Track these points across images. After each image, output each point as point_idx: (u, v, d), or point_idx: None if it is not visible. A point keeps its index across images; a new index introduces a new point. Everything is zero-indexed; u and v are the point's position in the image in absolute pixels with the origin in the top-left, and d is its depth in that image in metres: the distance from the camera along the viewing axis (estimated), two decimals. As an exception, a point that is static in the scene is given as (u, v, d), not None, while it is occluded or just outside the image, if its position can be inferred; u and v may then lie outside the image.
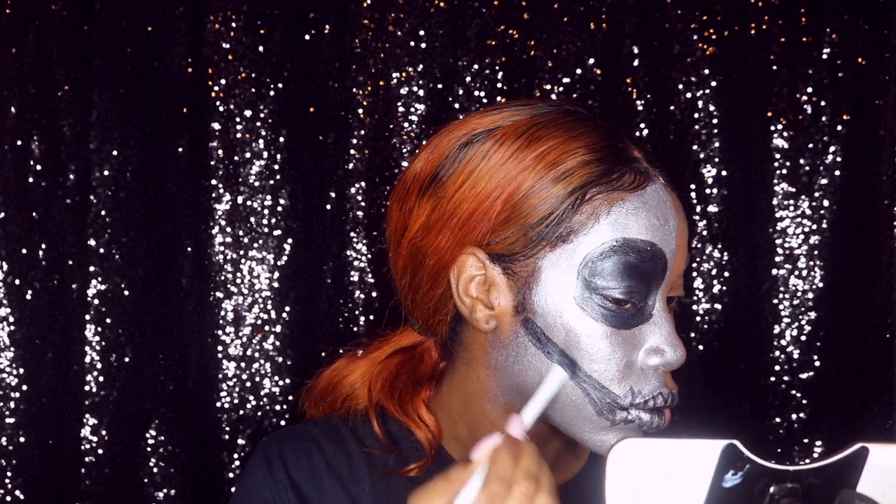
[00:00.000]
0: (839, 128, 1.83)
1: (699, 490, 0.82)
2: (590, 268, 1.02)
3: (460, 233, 1.05)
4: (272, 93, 1.82)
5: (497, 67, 1.83)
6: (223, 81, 1.81)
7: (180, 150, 1.81)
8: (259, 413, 1.82)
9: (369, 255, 1.81)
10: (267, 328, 1.82)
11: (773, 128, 1.84)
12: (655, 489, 0.83)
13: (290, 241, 1.82)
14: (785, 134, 1.84)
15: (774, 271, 1.85)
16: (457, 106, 1.82)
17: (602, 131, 1.06)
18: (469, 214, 1.05)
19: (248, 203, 1.82)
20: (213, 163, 1.82)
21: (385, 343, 1.19)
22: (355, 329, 1.83)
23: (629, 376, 1.02)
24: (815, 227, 1.84)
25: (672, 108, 1.84)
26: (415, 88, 1.82)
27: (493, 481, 0.92)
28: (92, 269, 1.79)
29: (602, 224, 1.02)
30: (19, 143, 1.77)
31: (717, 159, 1.85)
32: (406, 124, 1.82)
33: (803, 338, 1.85)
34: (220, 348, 1.82)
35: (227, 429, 1.82)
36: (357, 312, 1.83)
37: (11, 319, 1.77)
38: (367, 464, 1.13)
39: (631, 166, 1.04)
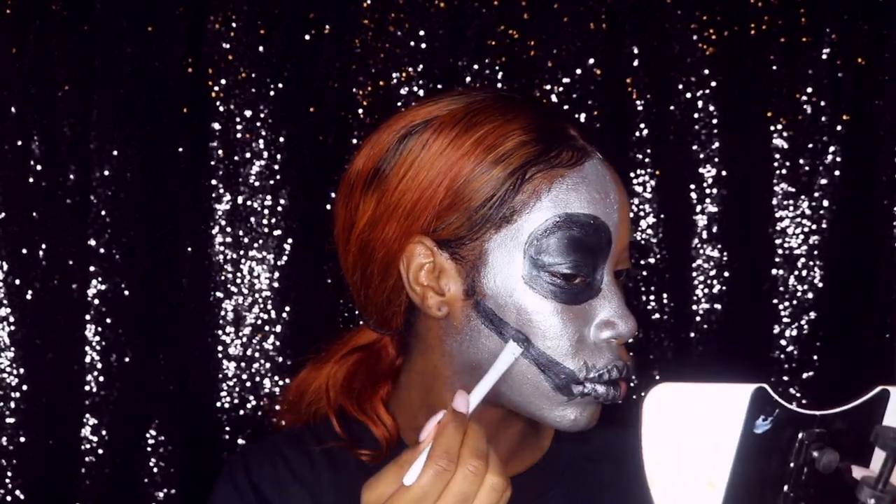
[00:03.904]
0: (839, 128, 1.83)
1: (732, 434, 0.84)
2: (535, 245, 1.04)
3: (406, 223, 1.07)
4: (272, 93, 1.82)
5: (497, 67, 1.83)
6: (223, 81, 1.81)
7: (180, 150, 1.81)
8: (259, 413, 1.82)
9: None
10: (267, 328, 1.82)
11: (773, 128, 1.84)
12: (690, 433, 0.85)
13: (290, 241, 1.82)
14: (785, 134, 1.84)
15: (774, 271, 1.85)
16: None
17: (537, 112, 1.08)
18: (413, 204, 1.07)
19: (248, 203, 1.82)
20: (213, 163, 1.82)
21: (343, 344, 1.22)
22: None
23: (582, 351, 1.04)
24: (814, 227, 1.84)
25: (672, 108, 1.84)
26: (415, 88, 1.82)
27: (439, 456, 0.92)
28: (92, 269, 1.79)
29: (544, 201, 1.04)
30: (19, 143, 1.77)
31: (717, 159, 1.85)
32: (406, 124, 1.82)
33: (803, 338, 1.85)
34: (220, 348, 1.82)
35: (227, 429, 1.82)
36: (357, 312, 1.83)
37: (11, 319, 1.77)
38: (329, 462, 1.15)
39: (568, 143, 1.06)
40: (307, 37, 1.81)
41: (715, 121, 1.84)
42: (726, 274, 1.85)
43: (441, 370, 1.11)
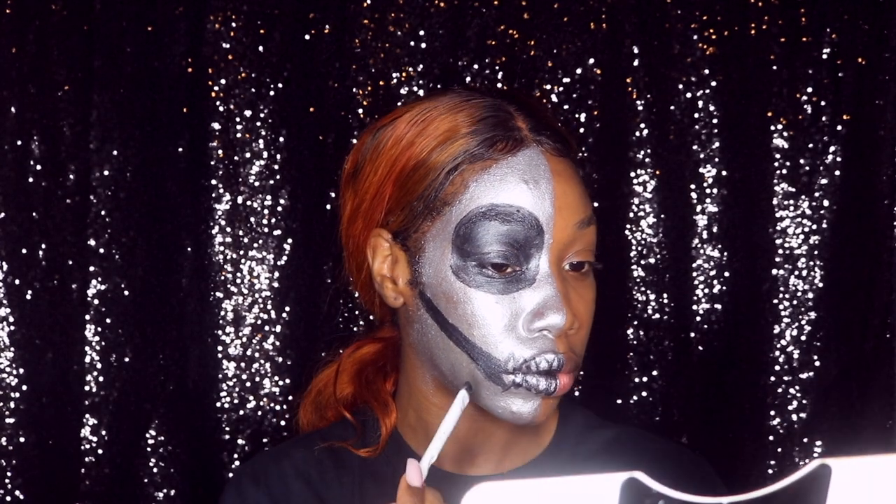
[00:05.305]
0: (839, 128, 1.83)
1: None
2: (461, 236, 1.05)
3: (368, 216, 1.13)
4: (272, 93, 1.82)
5: (497, 67, 1.83)
6: (223, 81, 1.81)
7: (180, 150, 1.81)
8: (259, 413, 1.82)
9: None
10: (267, 328, 1.82)
11: (773, 128, 1.84)
12: None
13: (290, 241, 1.82)
14: (785, 134, 1.84)
15: (774, 271, 1.85)
16: (457, 106, 1.82)
17: (486, 104, 1.09)
18: (372, 198, 1.11)
19: (248, 203, 1.82)
20: (213, 163, 1.81)
21: (365, 338, 1.25)
22: (355, 329, 1.83)
23: (511, 341, 1.04)
24: (815, 227, 1.84)
25: (672, 108, 1.84)
26: (415, 88, 1.82)
27: None
28: (92, 269, 1.79)
29: (470, 192, 1.06)
30: (19, 143, 1.77)
31: (717, 159, 1.85)
32: (406, 124, 1.82)
33: (803, 338, 1.85)
34: (220, 348, 1.82)
35: (227, 429, 1.82)
36: (357, 312, 1.83)
37: (11, 319, 1.77)
38: (333, 460, 1.17)
39: (506, 134, 1.07)
40: (307, 37, 1.81)
41: (715, 121, 1.84)
42: (726, 274, 1.85)
43: (413, 363, 1.14)
